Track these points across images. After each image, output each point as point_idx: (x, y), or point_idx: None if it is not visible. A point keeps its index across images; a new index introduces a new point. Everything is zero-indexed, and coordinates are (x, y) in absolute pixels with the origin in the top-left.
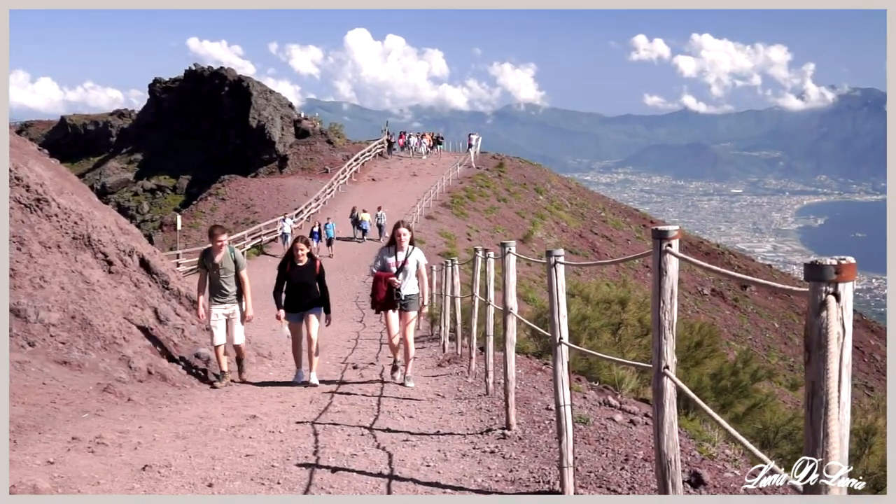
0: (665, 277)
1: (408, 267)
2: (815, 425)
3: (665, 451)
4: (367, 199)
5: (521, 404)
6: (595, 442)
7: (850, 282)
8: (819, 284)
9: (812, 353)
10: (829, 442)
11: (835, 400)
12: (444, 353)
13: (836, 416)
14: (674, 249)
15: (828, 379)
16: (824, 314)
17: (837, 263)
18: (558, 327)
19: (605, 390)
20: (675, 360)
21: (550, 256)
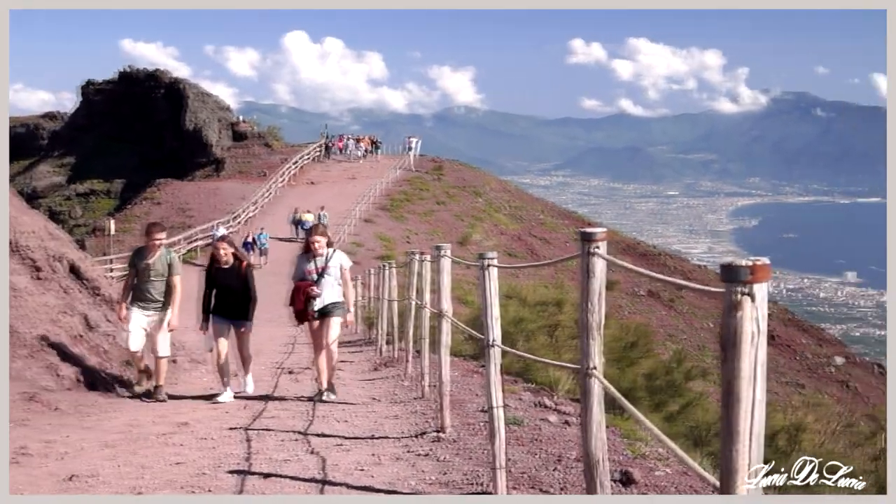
0: (592, 279)
1: (330, 273)
2: (730, 424)
3: (592, 452)
4: (306, 202)
5: (456, 407)
6: (528, 443)
7: (764, 282)
8: (733, 285)
9: (727, 353)
10: (739, 440)
11: (747, 399)
12: (380, 357)
13: (747, 415)
14: (600, 251)
15: (740, 378)
16: (738, 314)
17: (752, 265)
18: (490, 330)
19: (540, 391)
20: (602, 361)
21: (483, 259)
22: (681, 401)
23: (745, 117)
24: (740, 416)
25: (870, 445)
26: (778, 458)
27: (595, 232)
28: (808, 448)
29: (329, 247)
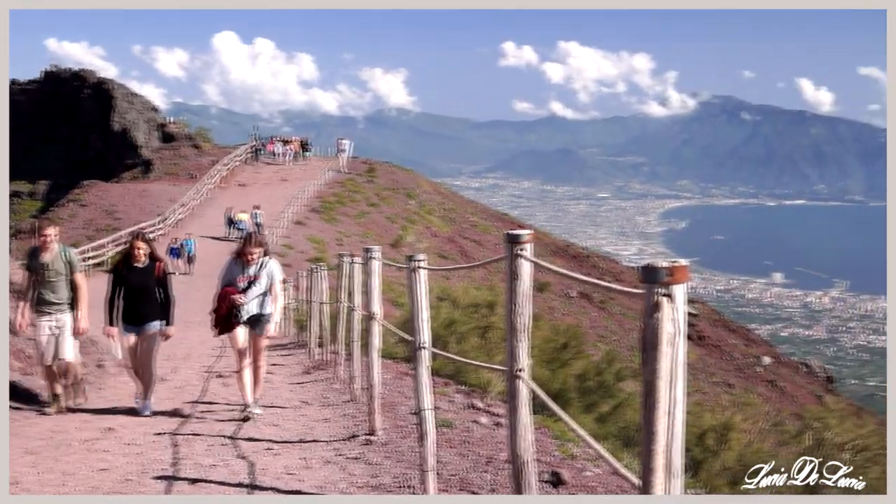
0: (518, 281)
1: (260, 282)
2: (649, 424)
3: (519, 453)
4: (237, 204)
5: (386, 409)
6: (459, 445)
7: (682, 284)
8: (653, 286)
9: (647, 354)
10: (657, 440)
11: (666, 399)
12: (311, 360)
13: (665, 415)
14: (526, 253)
15: (659, 378)
16: (657, 315)
17: (670, 266)
18: (420, 332)
19: (472, 393)
20: (529, 363)
21: (412, 261)
22: (612, 401)
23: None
24: (658, 417)
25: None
26: (707, 457)
27: (521, 234)
28: (736, 447)
29: (265, 256)
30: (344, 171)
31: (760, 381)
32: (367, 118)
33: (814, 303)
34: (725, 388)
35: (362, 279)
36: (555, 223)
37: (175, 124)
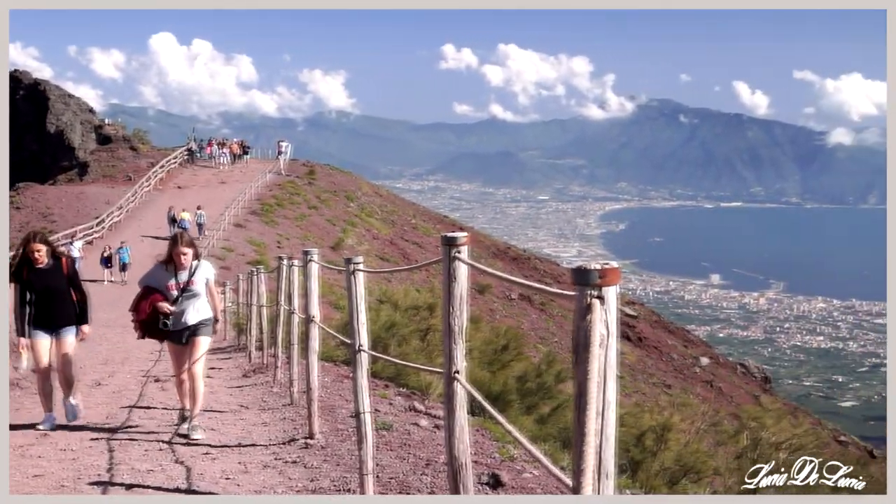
0: (454, 283)
1: (194, 288)
2: (582, 424)
3: (457, 455)
4: (176, 206)
5: (326, 413)
6: (398, 448)
7: (613, 286)
8: (584, 288)
9: (579, 355)
10: (587, 441)
11: (598, 400)
12: (250, 363)
13: (598, 416)
14: (462, 256)
15: (590, 380)
16: (589, 317)
17: (601, 268)
18: (358, 334)
19: (412, 396)
20: (466, 365)
21: (349, 264)
22: (552, 403)
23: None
24: (589, 418)
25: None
26: (646, 457)
27: (457, 236)
28: (674, 448)
29: (196, 259)
30: (283, 173)
31: (698, 382)
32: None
33: (750, 304)
34: (664, 389)
35: (301, 282)
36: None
37: (112, 126)
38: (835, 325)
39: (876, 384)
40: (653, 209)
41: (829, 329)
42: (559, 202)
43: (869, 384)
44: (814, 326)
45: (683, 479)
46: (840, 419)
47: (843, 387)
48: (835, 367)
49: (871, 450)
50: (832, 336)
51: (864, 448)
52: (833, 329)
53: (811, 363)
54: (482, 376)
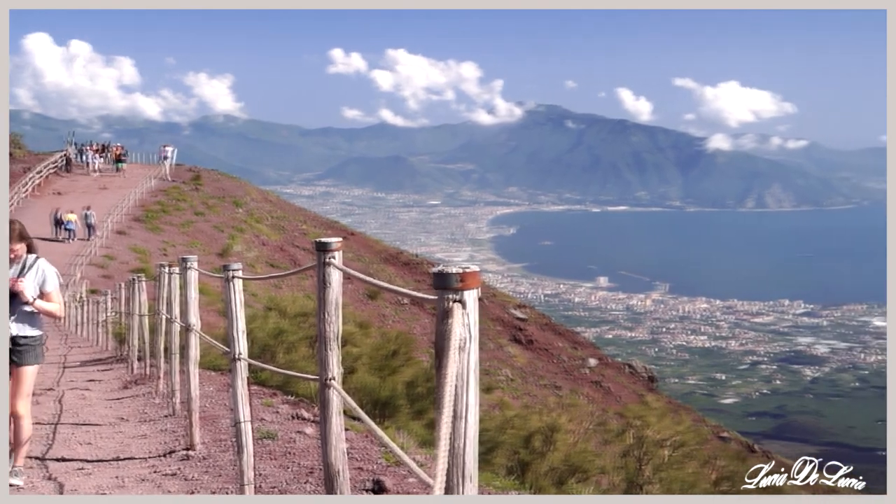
0: (328, 289)
1: (26, 287)
2: (440, 427)
3: (332, 462)
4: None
5: (208, 423)
6: (281, 457)
7: (473, 289)
8: (445, 293)
9: (440, 359)
10: (439, 445)
11: (448, 405)
12: (131, 374)
13: (447, 420)
14: (336, 262)
15: (444, 384)
16: (449, 321)
17: (461, 272)
18: (236, 343)
19: (299, 403)
20: (341, 371)
21: (227, 271)
22: None
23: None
24: (443, 422)
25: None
26: (534, 458)
27: (330, 242)
28: (562, 448)
29: (30, 253)
30: (168, 178)
31: (587, 383)
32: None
33: (637, 305)
34: (553, 390)
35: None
36: (386, 230)
37: None
38: (716, 325)
39: (755, 381)
40: (542, 213)
41: (710, 329)
42: (450, 207)
43: (749, 381)
44: (697, 326)
45: (571, 479)
46: (722, 416)
47: (724, 384)
48: (716, 366)
49: (751, 444)
50: (714, 335)
51: (744, 443)
52: (715, 329)
53: (694, 362)
54: (371, 382)
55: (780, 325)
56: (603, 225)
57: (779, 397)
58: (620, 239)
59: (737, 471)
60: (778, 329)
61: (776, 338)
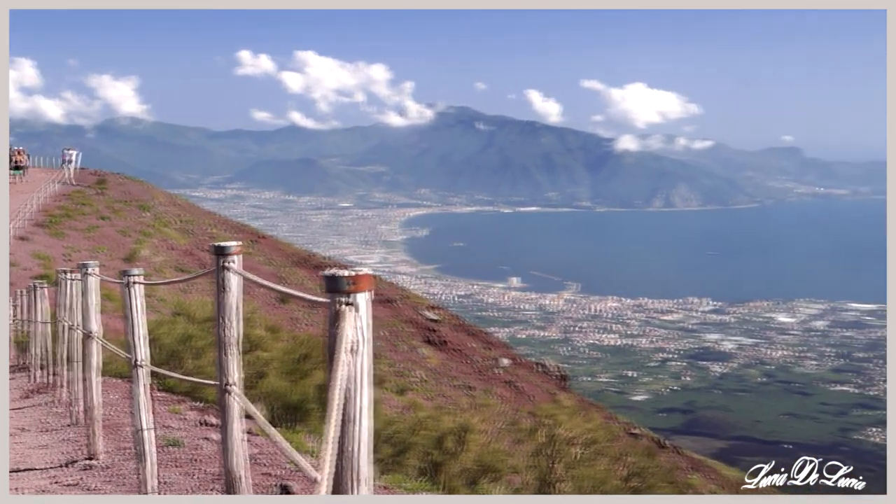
0: (226, 294)
1: None
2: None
3: (232, 468)
4: None
5: (111, 431)
6: (186, 464)
7: (365, 292)
8: (336, 295)
9: (331, 363)
10: (326, 448)
11: (336, 409)
12: (32, 383)
13: (335, 424)
14: (234, 266)
15: (332, 387)
16: (341, 324)
17: (353, 275)
18: (136, 349)
19: (207, 410)
20: (241, 377)
21: (126, 276)
22: None
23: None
24: (329, 426)
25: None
26: (446, 459)
27: (228, 246)
28: (474, 448)
29: None
30: (71, 182)
31: (499, 383)
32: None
33: (548, 305)
34: (467, 391)
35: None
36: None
37: None
38: (626, 323)
39: (664, 378)
40: (453, 215)
41: (621, 327)
42: (362, 209)
43: (659, 378)
44: (607, 325)
45: (483, 479)
46: (632, 413)
47: (635, 382)
48: (627, 364)
49: (661, 440)
50: (624, 333)
51: (654, 439)
52: (625, 327)
53: (605, 360)
54: (281, 386)
55: (688, 322)
56: (514, 226)
57: (688, 393)
58: (532, 239)
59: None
60: (686, 326)
61: (684, 335)
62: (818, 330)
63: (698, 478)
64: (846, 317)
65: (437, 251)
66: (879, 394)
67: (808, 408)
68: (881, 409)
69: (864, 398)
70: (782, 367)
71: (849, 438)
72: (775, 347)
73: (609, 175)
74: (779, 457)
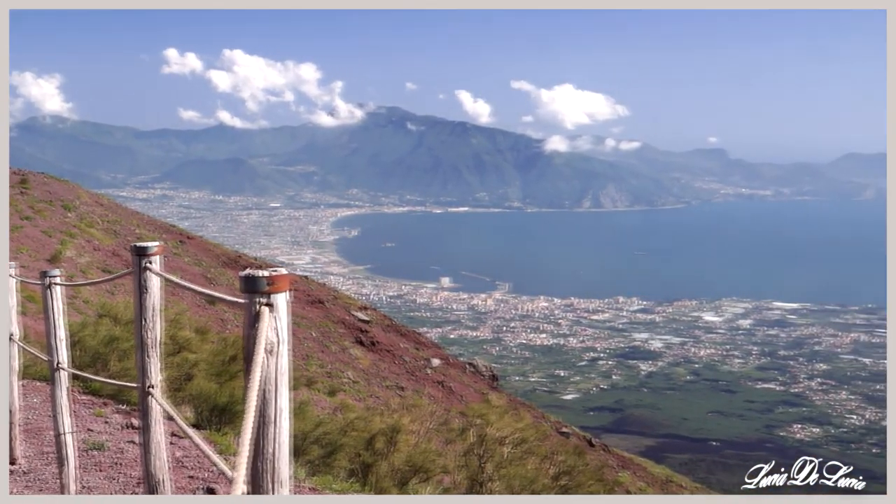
0: (146, 295)
1: None
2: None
3: (154, 472)
4: None
5: (32, 436)
6: (109, 468)
7: (283, 293)
8: (254, 296)
9: (250, 364)
10: (242, 451)
11: (252, 410)
12: None
13: (251, 426)
14: (154, 267)
15: (252, 389)
16: (259, 325)
17: (270, 275)
18: (56, 351)
19: (132, 412)
20: (162, 378)
21: (45, 277)
22: None
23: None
24: (245, 428)
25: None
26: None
27: (148, 246)
28: (404, 449)
29: None
30: None
31: (430, 383)
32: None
33: (479, 305)
34: (398, 392)
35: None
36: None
37: None
38: (556, 323)
39: (594, 377)
40: (384, 215)
41: (551, 327)
42: (292, 209)
43: (588, 377)
44: (537, 325)
45: (413, 479)
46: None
47: (565, 381)
48: (557, 363)
49: (590, 439)
50: (554, 333)
51: (583, 438)
52: (555, 326)
53: (536, 360)
54: (209, 388)
55: (616, 321)
56: (445, 226)
57: (617, 392)
58: (462, 240)
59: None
60: (615, 326)
61: (613, 334)
62: (743, 328)
63: (627, 475)
64: (770, 315)
65: (368, 251)
66: (802, 391)
67: (734, 405)
68: (804, 405)
69: (787, 395)
70: (709, 366)
71: (774, 435)
72: (702, 346)
73: (539, 176)
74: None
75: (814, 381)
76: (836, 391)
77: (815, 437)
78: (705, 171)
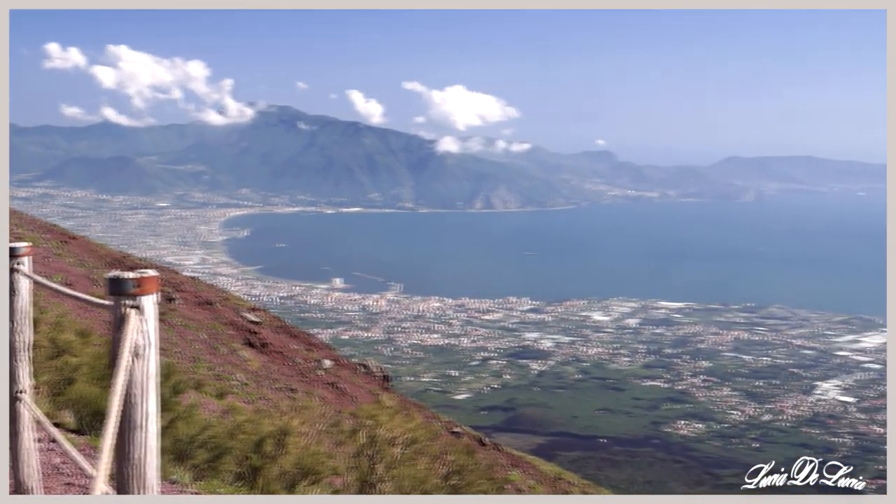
0: (17, 297)
1: None
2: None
3: (23, 480)
4: None
5: None
6: None
7: (151, 294)
8: (120, 298)
9: (117, 367)
10: (102, 457)
11: (113, 414)
12: None
13: (113, 430)
14: (24, 269)
15: (115, 394)
16: (126, 327)
17: (138, 277)
18: None
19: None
20: (32, 384)
21: None
22: (169, 415)
23: (232, 129)
24: (106, 432)
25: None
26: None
27: (18, 247)
28: (294, 451)
29: None
30: None
31: (322, 384)
32: None
33: (372, 306)
34: (289, 394)
35: None
36: (112, 234)
37: None
38: (449, 323)
39: (486, 376)
40: (275, 215)
41: (443, 327)
42: (180, 209)
43: (480, 377)
44: (430, 325)
45: (303, 482)
46: (455, 411)
47: (457, 380)
48: (450, 363)
49: (482, 438)
50: (447, 333)
51: (475, 437)
52: (447, 326)
53: (428, 360)
54: (91, 392)
55: (508, 321)
56: (337, 226)
57: (508, 391)
58: (354, 240)
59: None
60: (506, 326)
61: (505, 334)
62: (630, 327)
63: (517, 474)
64: (656, 315)
65: (259, 252)
66: (687, 388)
67: (622, 403)
68: (689, 402)
69: (673, 392)
70: (597, 364)
71: (660, 431)
72: (591, 345)
73: (431, 176)
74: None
75: (697, 379)
76: (719, 388)
77: (699, 432)
78: (594, 173)
